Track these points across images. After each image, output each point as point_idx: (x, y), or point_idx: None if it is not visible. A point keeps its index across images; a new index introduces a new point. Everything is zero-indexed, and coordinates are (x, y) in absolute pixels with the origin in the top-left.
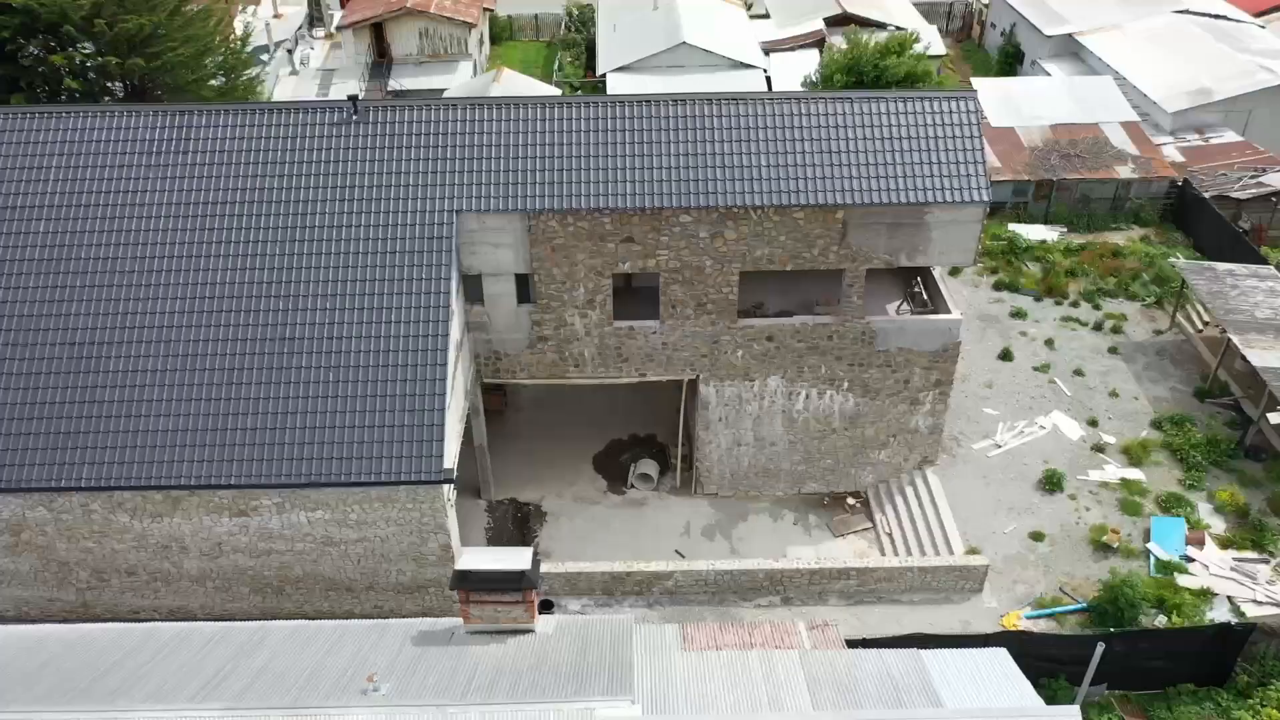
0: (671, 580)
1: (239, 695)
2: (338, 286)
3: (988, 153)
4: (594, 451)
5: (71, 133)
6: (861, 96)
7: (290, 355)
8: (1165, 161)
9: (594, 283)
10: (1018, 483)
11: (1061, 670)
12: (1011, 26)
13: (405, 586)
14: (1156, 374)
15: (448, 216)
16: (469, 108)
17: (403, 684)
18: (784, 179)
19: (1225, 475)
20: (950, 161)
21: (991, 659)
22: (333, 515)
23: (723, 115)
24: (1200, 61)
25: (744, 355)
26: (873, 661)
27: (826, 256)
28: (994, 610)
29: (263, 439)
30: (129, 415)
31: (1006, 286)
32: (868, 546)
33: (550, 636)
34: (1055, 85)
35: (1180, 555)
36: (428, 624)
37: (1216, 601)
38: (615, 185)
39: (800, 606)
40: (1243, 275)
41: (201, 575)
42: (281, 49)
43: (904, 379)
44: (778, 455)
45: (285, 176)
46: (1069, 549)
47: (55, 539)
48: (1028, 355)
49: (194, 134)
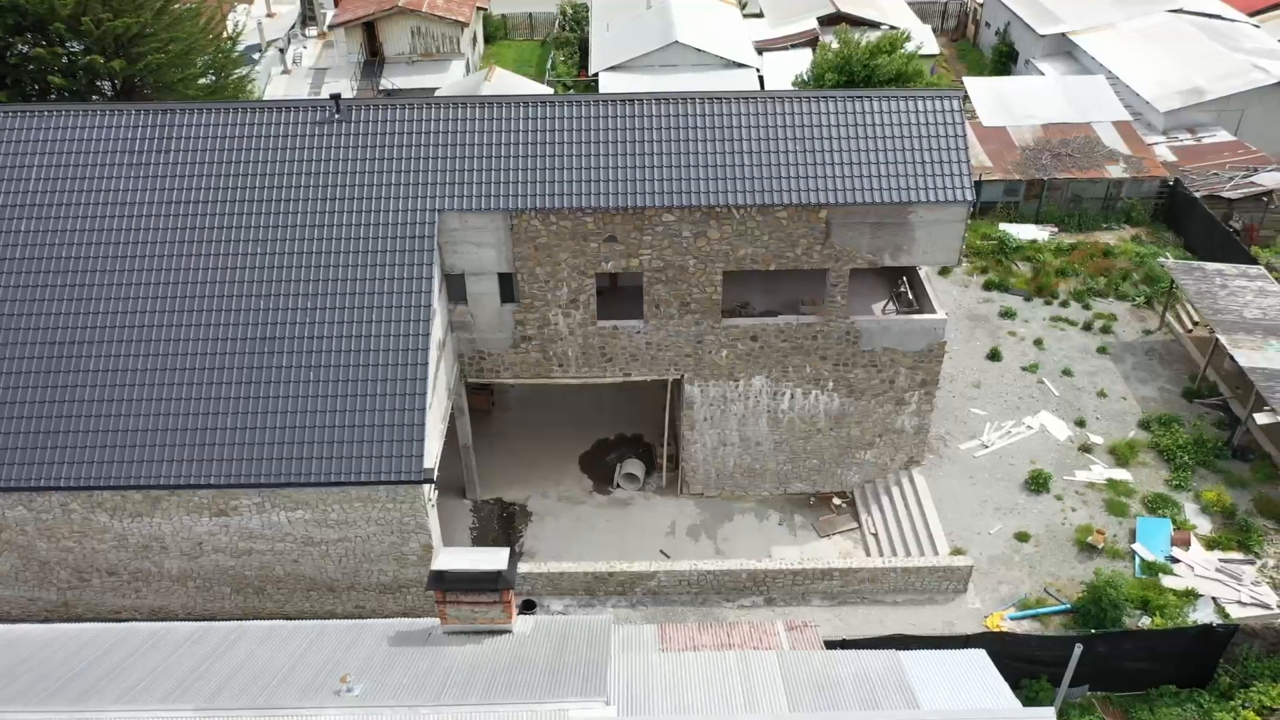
0: (654, 581)
1: (212, 695)
2: (319, 286)
3: (979, 152)
4: (580, 451)
5: (53, 131)
6: (845, 95)
7: (271, 354)
8: (1157, 161)
9: (577, 282)
10: (1004, 483)
11: (1043, 671)
12: (1005, 26)
13: (387, 586)
14: (1145, 374)
15: (429, 216)
16: (451, 106)
17: (377, 684)
18: (767, 178)
19: (1212, 476)
20: (934, 161)
21: (970, 660)
22: (313, 515)
23: (706, 114)
24: (1193, 61)
25: (728, 355)
26: (850, 662)
27: (810, 256)
28: (978, 611)
29: (243, 439)
30: (109, 415)
31: (996, 286)
32: (853, 547)
33: (527, 637)
34: (1048, 84)
35: (1165, 556)
36: (405, 624)
37: (1201, 603)
38: (598, 184)
39: (783, 607)
40: (1232, 275)
41: (182, 575)
42: (274, 48)
43: (889, 379)
44: (763, 455)
45: (267, 175)
46: (1054, 550)
47: (35, 538)
48: (1016, 355)
49: (176, 133)
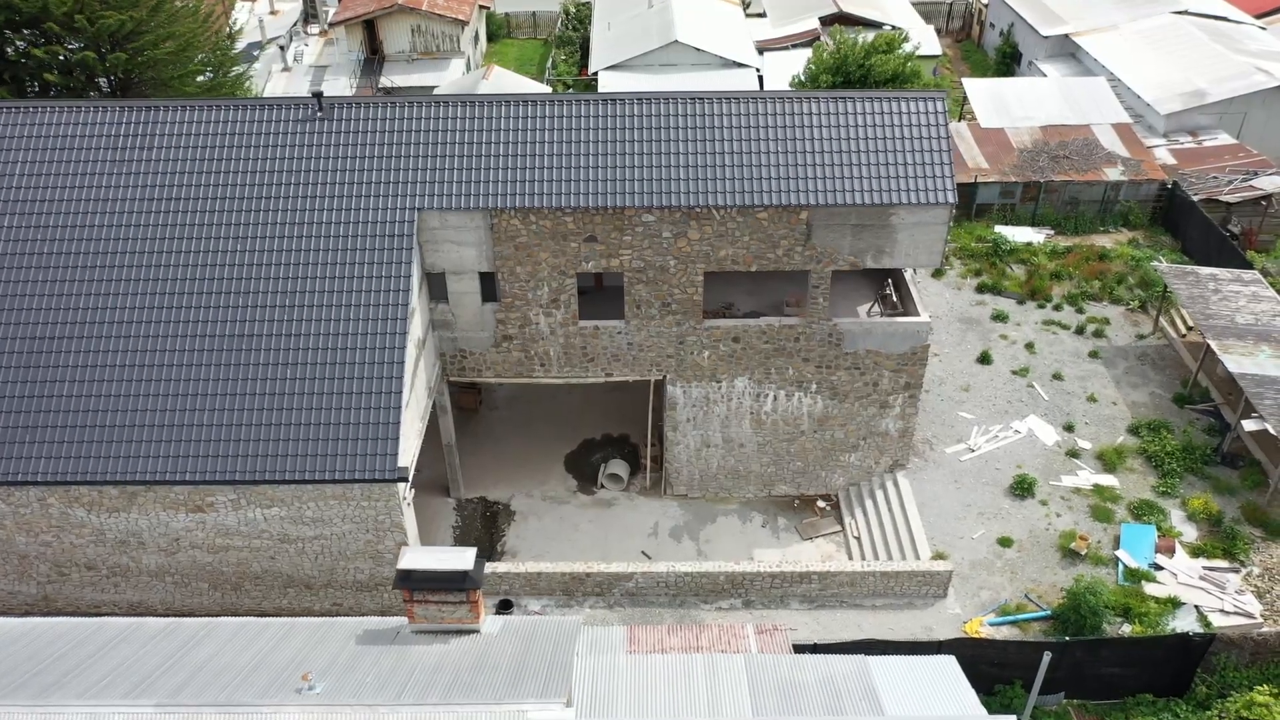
0: (632, 582)
1: (174, 692)
2: (297, 284)
3: (976, 153)
4: (566, 451)
5: (35, 127)
6: (828, 96)
7: (248, 351)
8: (1156, 164)
9: (558, 282)
10: (989, 487)
11: (1017, 677)
12: (1009, 26)
13: (364, 584)
14: (1137, 379)
15: (409, 214)
16: (432, 105)
17: (340, 683)
18: (748, 179)
19: (1200, 482)
20: (916, 163)
21: (938, 667)
22: (289, 512)
23: (687, 114)
24: (1196, 63)
25: (710, 356)
26: (817, 667)
27: (791, 257)
28: (958, 616)
29: (218, 435)
30: (86, 410)
31: (989, 289)
32: (836, 550)
33: (495, 637)
34: (1047, 86)
35: (1149, 563)
36: (374, 623)
37: (1184, 611)
38: (577, 184)
39: (762, 610)
40: (1226, 280)
41: (160, 571)
42: (274, 45)
43: (872, 382)
44: (747, 457)
45: (248, 173)
46: (1037, 555)
47: (14, 532)
48: (1007, 359)
49: (158, 129)
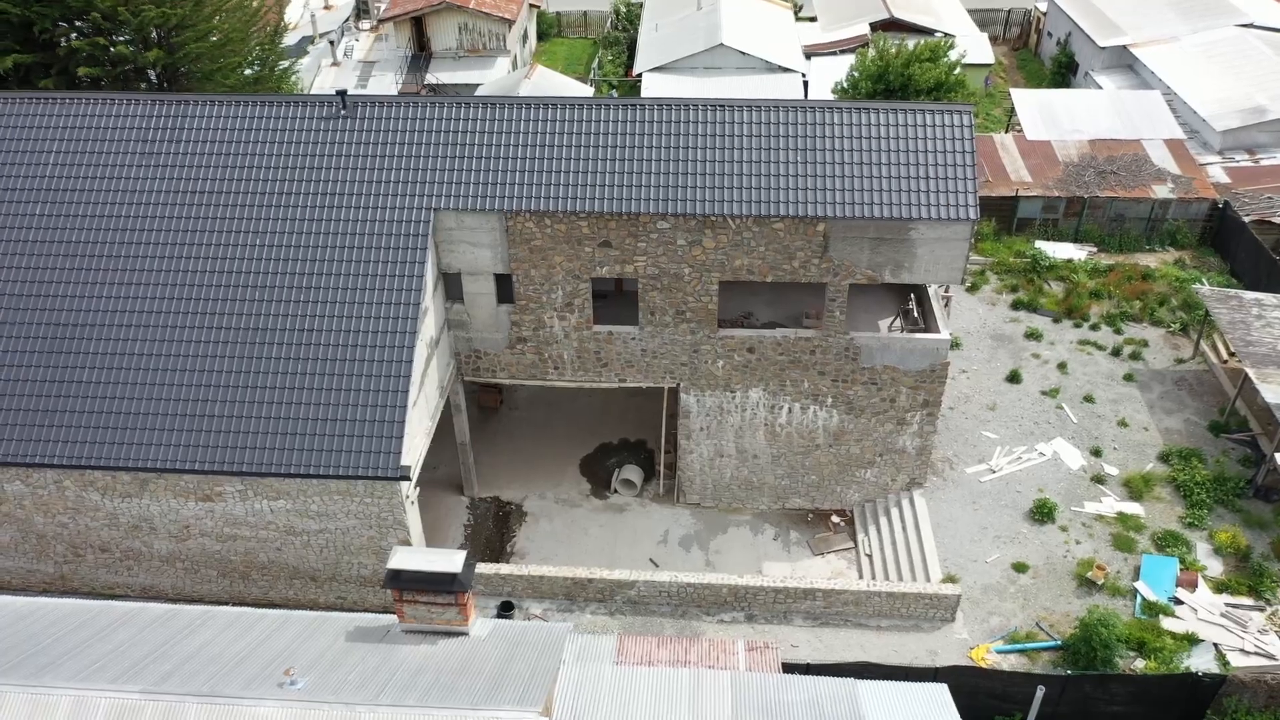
0: (634, 590)
1: (161, 679)
2: (312, 279)
3: (1019, 166)
4: (582, 454)
5: (67, 118)
6: (850, 106)
7: (262, 345)
8: (1208, 182)
9: (571, 286)
10: (1008, 510)
11: (1017, 709)
12: (1067, 36)
13: (367, 579)
14: (1172, 404)
15: (425, 214)
16: (453, 106)
17: (322, 679)
18: (764, 188)
19: (1231, 515)
20: (939, 177)
21: (929, 695)
22: (294, 505)
23: (704, 122)
24: (1257, 78)
25: (724, 365)
26: (804, 688)
27: (807, 269)
28: (964, 641)
29: (229, 426)
30: (104, 396)
31: (1025, 305)
32: (846, 567)
33: (482, 640)
34: (1099, 98)
35: (1169, 597)
36: (367, 619)
37: (1201, 648)
38: (592, 189)
39: (764, 624)
40: (1270, 305)
41: (171, 556)
42: (325, 40)
43: (890, 398)
44: (760, 468)
45: (271, 169)
46: (1052, 582)
47: (33, 512)
48: (1037, 378)
49: (186, 123)
